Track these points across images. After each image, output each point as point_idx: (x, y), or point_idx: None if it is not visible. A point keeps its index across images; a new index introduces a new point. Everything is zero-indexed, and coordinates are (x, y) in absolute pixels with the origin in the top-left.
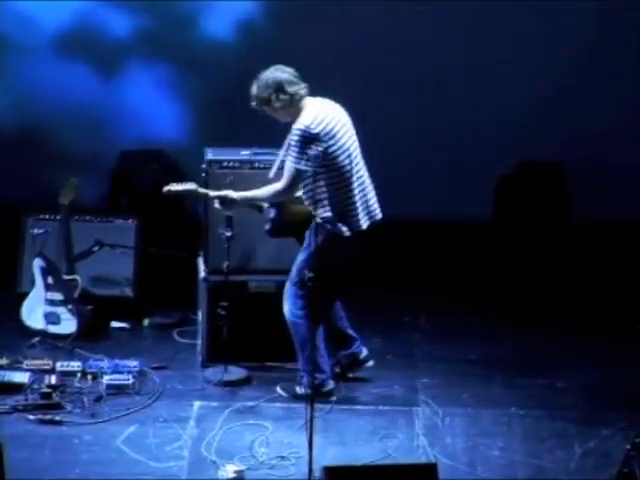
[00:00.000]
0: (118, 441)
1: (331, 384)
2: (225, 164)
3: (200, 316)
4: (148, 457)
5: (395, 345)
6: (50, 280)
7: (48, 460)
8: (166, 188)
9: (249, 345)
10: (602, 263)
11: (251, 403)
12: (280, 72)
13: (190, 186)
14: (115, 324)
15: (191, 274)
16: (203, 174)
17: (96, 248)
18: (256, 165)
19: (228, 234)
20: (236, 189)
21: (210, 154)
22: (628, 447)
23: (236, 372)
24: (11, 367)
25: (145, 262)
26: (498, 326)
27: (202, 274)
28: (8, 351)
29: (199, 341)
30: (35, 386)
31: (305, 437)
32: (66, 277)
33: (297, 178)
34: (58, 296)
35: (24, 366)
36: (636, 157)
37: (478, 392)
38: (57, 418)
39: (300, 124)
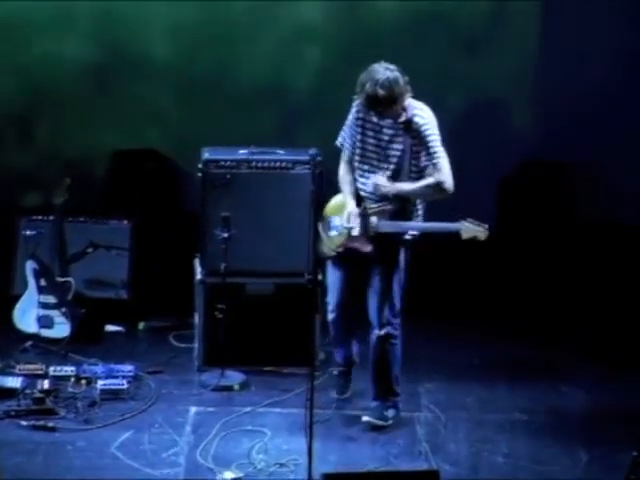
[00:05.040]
0: (112, 447)
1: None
2: (222, 163)
3: (196, 319)
4: (143, 464)
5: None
6: (43, 282)
7: (41, 467)
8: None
9: (247, 349)
10: (610, 266)
11: (249, 409)
12: (389, 69)
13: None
14: (109, 327)
15: (187, 276)
16: (199, 174)
17: (90, 250)
18: (254, 164)
19: (225, 235)
20: (233, 189)
21: (207, 153)
22: (635, 454)
23: (233, 377)
24: (3, 372)
25: (140, 264)
26: (501, 329)
27: (199, 276)
28: (0, 355)
29: (195, 345)
30: (28, 391)
31: (304, 443)
32: (59, 279)
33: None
34: (51, 299)
35: (16, 371)
36: None
37: (481, 397)
38: (50, 424)
39: (427, 114)
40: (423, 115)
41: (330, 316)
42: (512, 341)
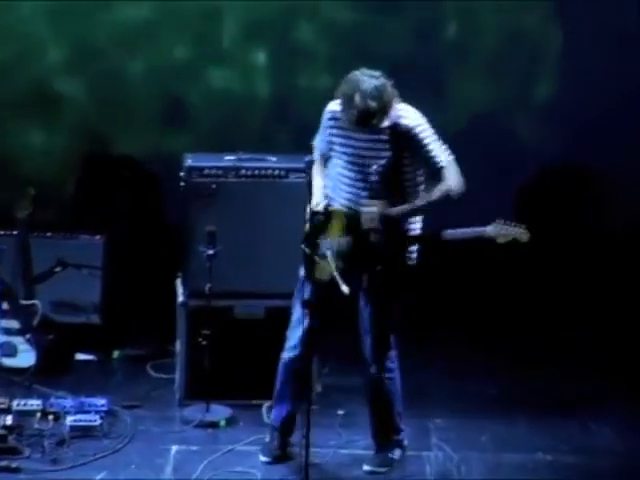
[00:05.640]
0: None
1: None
2: (206, 171)
3: (178, 347)
4: None
5: (403, 379)
6: (5, 306)
7: None
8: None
9: (234, 380)
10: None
11: (237, 447)
12: (374, 77)
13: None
14: (80, 356)
15: (168, 298)
16: (181, 183)
17: (58, 269)
18: (242, 173)
19: (211, 251)
20: (219, 200)
21: (189, 160)
22: None
23: (219, 411)
24: None
25: (114, 284)
26: (522, 357)
27: (181, 298)
28: None
29: (177, 375)
30: None
31: None
32: (24, 302)
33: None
34: (14, 324)
35: None
36: None
37: (498, 434)
38: (13, 465)
39: (415, 116)
40: (410, 116)
41: (285, 356)
42: (534, 371)
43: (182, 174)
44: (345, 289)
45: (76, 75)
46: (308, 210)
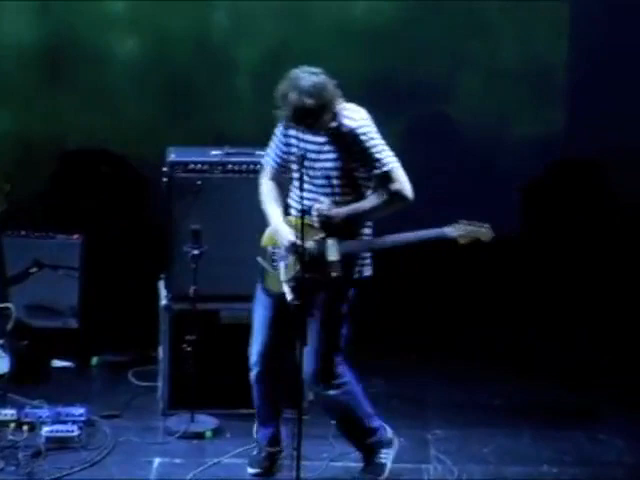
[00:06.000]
0: None
1: (389, 431)
2: (191, 167)
3: (161, 353)
4: None
5: (400, 387)
6: None
7: None
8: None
9: (221, 389)
10: None
11: (223, 459)
12: (314, 74)
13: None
14: (57, 363)
15: (150, 301)
16: (164, 179)
17: (34, 270)
18: (229, 168)
19: (196, 252)
20: (204, 197)
21: (173, 154)
22: None
23: (205, 422)
24: None
25: (93, 287)
26: (527, 364)
27: (164, 301)
28: None
29: (160, 383)
30: None
31: None
32: None
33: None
34: None
35: None
36: None
37: (502, 446)
38: None
39: (358, 116)
40: (354, 117)
41: (252, 372)
42: (538, 380)
43: (165, 169)
44: (290, 297)
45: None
46: (286, 245)
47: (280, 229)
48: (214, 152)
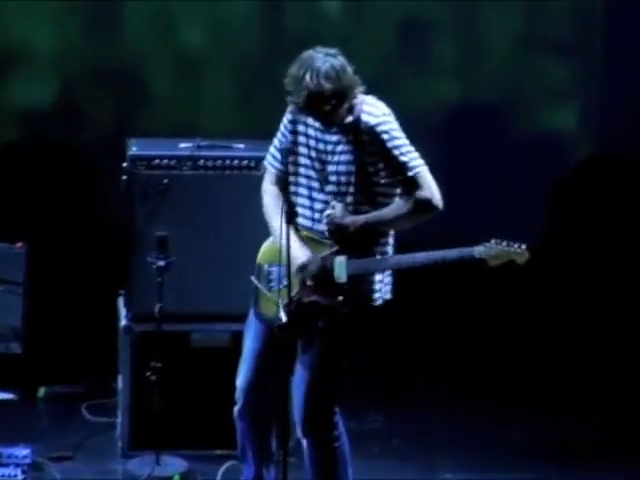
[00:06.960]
0: None
1: None
2: (156, 162)
3: (120, 383)
4: None
5: (403, 424)
6: None
7: None
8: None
9: (191, 425)
10: None
11: None
12: (331, 55)
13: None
14: None
15: (108, 322)
16: (124, 177)
17: None
18: (201, 163)
19: (161, 263)
20: (172, 198)
21: (134, 147)
22: None
23: (172, 464)
24: None
25: (39, 305)
26: (550, 396)
27: (123, 321)
28: None
29: (119, 419)
30: None
31: None
32: None
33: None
34: None
35: None
36: None
37: None
38: None
39: (379, 112)
40: (374, 112)
41: (235, 407)
42: (566, 412)
43: (125, 165)
44: (283, 317)
45: None
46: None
47: (292, 247)
48: (184, 145)
